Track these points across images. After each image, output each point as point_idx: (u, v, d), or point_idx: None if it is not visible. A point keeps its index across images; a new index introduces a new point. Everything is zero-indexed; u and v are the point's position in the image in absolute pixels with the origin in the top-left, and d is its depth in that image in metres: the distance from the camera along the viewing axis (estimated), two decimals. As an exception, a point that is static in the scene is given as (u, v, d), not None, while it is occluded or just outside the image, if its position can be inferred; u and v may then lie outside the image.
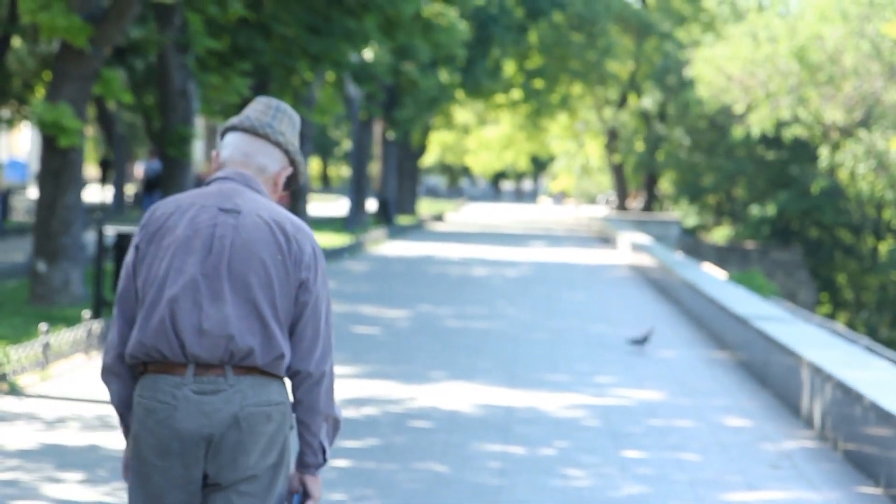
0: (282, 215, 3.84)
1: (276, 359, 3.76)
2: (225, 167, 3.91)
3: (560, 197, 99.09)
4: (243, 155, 3.90)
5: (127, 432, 3.91)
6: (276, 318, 3.76)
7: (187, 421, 3.70)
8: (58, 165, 15.77)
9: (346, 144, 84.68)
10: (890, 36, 36.31)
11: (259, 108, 3.94)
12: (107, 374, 3.86)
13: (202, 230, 3.77)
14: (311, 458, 3.86)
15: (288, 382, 3.89)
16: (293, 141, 3.96)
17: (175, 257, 3.76)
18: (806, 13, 41.27)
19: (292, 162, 3.97)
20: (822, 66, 39.18)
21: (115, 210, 40.94)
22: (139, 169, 15.60)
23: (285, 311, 3.78)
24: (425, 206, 68.30)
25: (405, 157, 55.13)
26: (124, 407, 3.88)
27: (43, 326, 11.45)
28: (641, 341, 14.54)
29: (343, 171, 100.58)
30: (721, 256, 49.42)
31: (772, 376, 11.94)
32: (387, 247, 34.61)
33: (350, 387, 11.23)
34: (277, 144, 3.92)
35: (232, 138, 3.93)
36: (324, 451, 3.87)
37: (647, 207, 63.15)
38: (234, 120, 3.96)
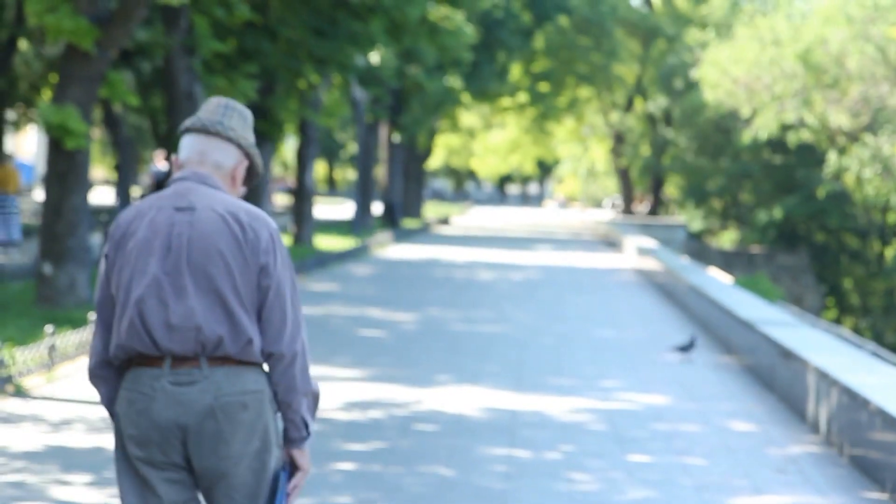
0: (236, 206, 3.99)
1: (246, 344, 3.91)
2: (184, 168, 4.08)
3: (564, 201, 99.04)
4: (199, 154, 4.07)
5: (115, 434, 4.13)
6: (241, 305, 3.92)
7: (164, 411, 3.88)
8: (64, 168, 15.78)
9: (352, 147, 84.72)
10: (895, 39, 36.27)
11: (209, 109, 4.11)
12: (93, 378, 4.08)
13: (160, 230, 3.94)
14: (294, 433, 4.02)
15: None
16: (245, 135, 4.11)
17: (138, 260, 3.94)
18: (811, 16, 41.25)
19: (248, 155, 4.12)
20: (826, 68, 39.14)
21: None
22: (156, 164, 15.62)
23: (249, 298, 3.93)
24: (431, 210, 68.32)
25: (411, 161, 55.14)
26: (113, 406, 4.08)
27: (49, 328, 11.46)
28: (687, 348, 14.34)
29: (349, 175, 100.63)
30: (727, 260, 49.39)
31: (778, 381, 11.93)
32: (392, 250, 34.61)
33: (355, 390, 11.23)
34: (229, 140, 4.08)
35: (187, 140, 4.10)
36: (307, 426, 4.03)
37: (653, 211, 63.13)
38: (187, 122, 4.13)
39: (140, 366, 3.93)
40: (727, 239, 55.69)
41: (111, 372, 4.05)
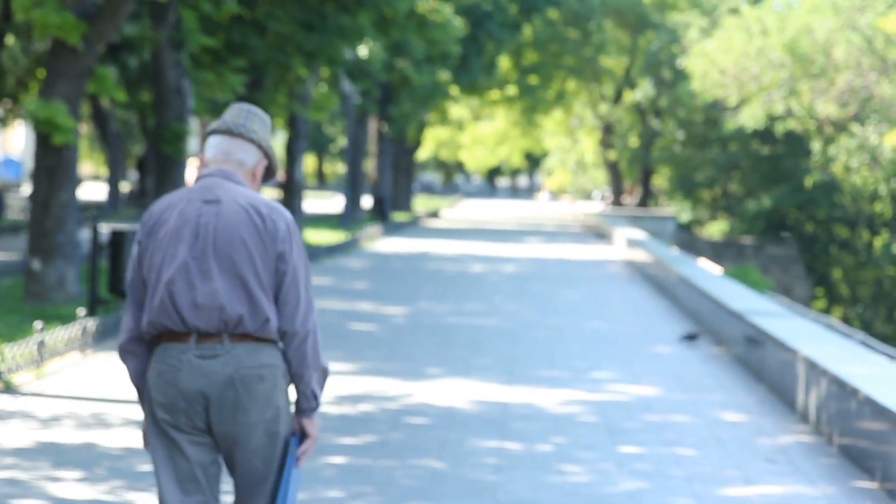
0: (257, 199, 4.45)
1: (264, 323, 4.37)
2: (209, 165, 4.54)
3: (553, 194, 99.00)
4: (223, 153, 4.55)
5: (144, 404, 4.51)
6: (261, 288, 4.37)
7: (189, 381, 4.34)
8: (52, 163, 15.75)
9: (342, 141, 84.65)
10: (885, 29, 36.31)
11: (233, 112, 4.59)
12: (123, 353, 4.51)
13: (189, 220, 4.40)
14: (305, 404, 4.49)
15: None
16: (265, 137, 4.60)
17: (169, 246, 4.39)
18: (797, 6, 41.30)
19: (266, 155, 4.61)
20: (813, 58, 39.18)
21: (110, 207, 40.89)
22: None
23: (267, 281, 4.39)
24: (421, 203, 68.27)
25: (400, 154, 55.09)
26: (140, 381, 4.51)
27: (38, 324, 11.43)
28: (693, 337, 14.73)
29: (338, 168, 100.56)
30: (716, 251, 49.42)
31: (767, 371, 11.95)
32: (382, 243, 34.60)
33: (347, 383, 11.22)
34: (251, 141, 4.56)
35: (213, 140, 4.58)
36: (316, 397, 4.49)
37: (643, 203, 63.13)
38: (213, 125, 4.59)
39: (169, 341, 4.38)
40: (716, 230, 55.72)
41: (141, 348, 4.48)
